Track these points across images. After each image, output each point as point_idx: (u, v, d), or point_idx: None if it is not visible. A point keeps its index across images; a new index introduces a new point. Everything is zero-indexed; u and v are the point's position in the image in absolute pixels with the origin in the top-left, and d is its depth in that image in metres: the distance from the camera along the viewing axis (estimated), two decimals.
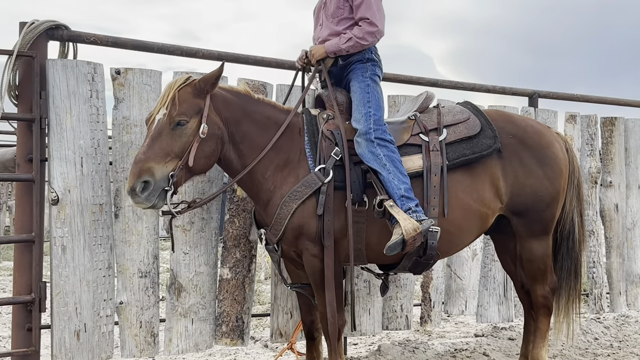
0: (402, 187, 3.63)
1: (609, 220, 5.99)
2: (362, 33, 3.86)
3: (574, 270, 4.50)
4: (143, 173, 3.31)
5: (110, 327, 4.02)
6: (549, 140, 4.26)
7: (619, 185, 6.02)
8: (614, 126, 6.01)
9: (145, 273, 4.09)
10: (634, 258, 6.07)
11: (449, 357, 4.94)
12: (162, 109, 3.44)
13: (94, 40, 4.05)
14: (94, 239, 3.94)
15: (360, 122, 3.76)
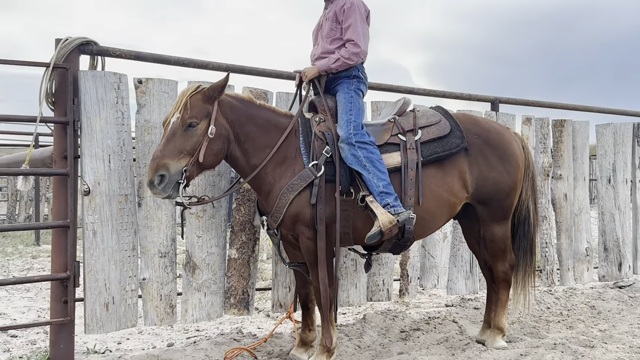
0: (380, 185, 3.74)
1: (559, 207, 6.05)
2: (348, 54, 3.97)
3: (530, 249, 4.60)
4: (160, 168, 3.42)
5: (134, 300, 4.05)
6: (508, 140, 4.35)
7: (568, 177, 6.07)
8: (564, 127, 6.06)
9: (164, 253, 4.12)
10: (580, 239, 6.13)
11: (423, 324, 4.97)
12: (176, 113, 3.53)
13: (119, 54, 4.06)
14: (120, 224, 3.97)
15: (342, 128, 3.84)
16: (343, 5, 4.04)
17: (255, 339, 4.47)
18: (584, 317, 5.37)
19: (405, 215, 3.74)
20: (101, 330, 3.94)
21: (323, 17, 4.22)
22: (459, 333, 4.77)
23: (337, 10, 4.08)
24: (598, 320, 5.30)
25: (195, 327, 5.06)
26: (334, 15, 4.09)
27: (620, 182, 6.41)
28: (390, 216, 3.67)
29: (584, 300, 5.97)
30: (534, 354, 4.15)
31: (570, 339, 4.57)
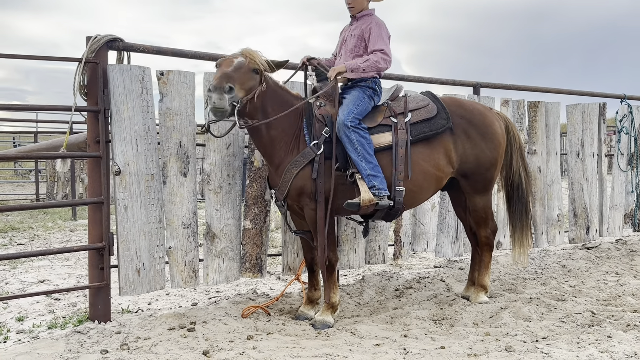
0: (367, 167, 3.82)
1: (534, 179, 6.07)
2: (378, 57, 3.96)
3: (525, 210, 4.69)
4: (230, 80, 3.50)
5: (162, 266, 4.09)
6: (490, 120, 4.37)
7: (541, 152, 6.07)
8: (537, 108, 6.05)
9: (187, 225, 4.15)
10: (553, 207, 6.14)
11: (415, 283, 5.02)
12: (248, 57, 3.66)
13: (143, 49, 4.06)
14: (148, 200, 3.99)
15: (343, 113, 3.87)
16: (370, 23, 4.06)
17: (268, 298, 4.52)
18: (556, 275, 5.41)
19: (385, 203, 3.85)
20: (134, 293, 3.98)
21: (348, 33, 4.21)
22: (446, 290, 4.83)
23: (364, 29, 4.08)
24: (568, 277, 5.34)
25: (216, 289, 5.10)
26: (360, 33, 4.09)
27: (587, 156, 6.40)
28: (372, 196, 3.79)
29: (556, 260, 6.01)
30: (513, 307, 4.19)
31: (544, 293, 4.62)
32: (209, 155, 4.24)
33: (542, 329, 3.70)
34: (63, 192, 12.05)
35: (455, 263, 5.76)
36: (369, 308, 4.37)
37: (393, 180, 3.95)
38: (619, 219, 6.73)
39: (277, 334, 3.67)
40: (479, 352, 3.28)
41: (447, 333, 3.71)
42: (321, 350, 3.38)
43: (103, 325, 3.77)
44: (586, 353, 3.19)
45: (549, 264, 5.87)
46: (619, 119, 6.72)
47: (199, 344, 3.45)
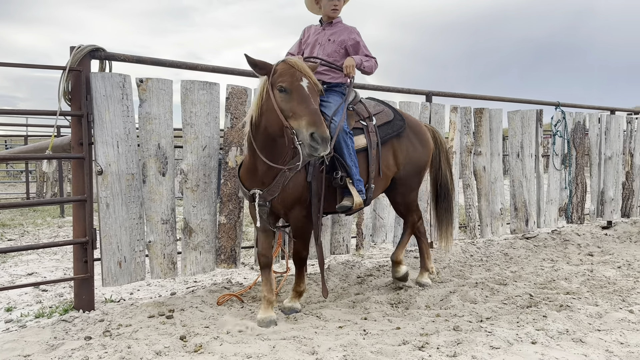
0: (356, 172, 3.75)
1: (480, 177, 6.13)
2: (373, 63, 3.99)
3: (449, 208, 4.81)
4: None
5: (142, 259, 4.00)
6: (423, 129, 4.52)
7: (486, 153, 6.14)
8: (482, 114, 6.12)
9: (166, 221, 4.07)
10: (496, 202, 6.22)
11: (375, 271, 5.03)
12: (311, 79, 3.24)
13: (124, 58, 3.96)
14: (128, 198, 3.90)
15: (339, 116, 3.72)
16: (352, 34, 3.99)
17: (242, 287, 4.47)
18: (499, 262, 5.49)
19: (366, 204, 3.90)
20: (116, 284, 3.89)
21: (323, 37, 4.04)
22: None
23: (345, 38, 3.98)
24: (510, 264, 5.42)
25: (193, 279, 5.02)
26: (341, 40, 3.98)
27: (526, 157, 6.50)
28: (360, 200, 3.70)
29: (499, 249, 6.09)
30: (460, 291, 4.23)
31: (488, 279, 4.68)
32: (187, 156, 4.17)
33: (486, 310, 3.74)
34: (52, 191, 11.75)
35: (411, 252, 5.79)
36: (334, 294, 4.35)
37: (369, 180, 3.92)
38: (555, 212, 6.85)
39: (248, 320, 3.63)
40: (430, 332, 3.30)
41: (403, 315, 3.72)
42: (289, 333, 3.35)
43: (87, 314, 3.67)
44: (524, 331, 3.23)
45: (493, 253, 5.95)
46: (553, 124, 6.84)
47: (176, 329, 3.39)
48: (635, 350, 2.97)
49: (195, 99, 4.16)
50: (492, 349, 2.99)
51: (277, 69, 3.23)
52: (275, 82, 3.19)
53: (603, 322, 3.46)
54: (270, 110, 3.23)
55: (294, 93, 3.12)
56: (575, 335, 3.20)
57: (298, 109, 3.07)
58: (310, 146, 2.97)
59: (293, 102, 3.10)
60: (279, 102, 3.16)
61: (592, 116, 7.29)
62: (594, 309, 3.69)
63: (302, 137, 3.00)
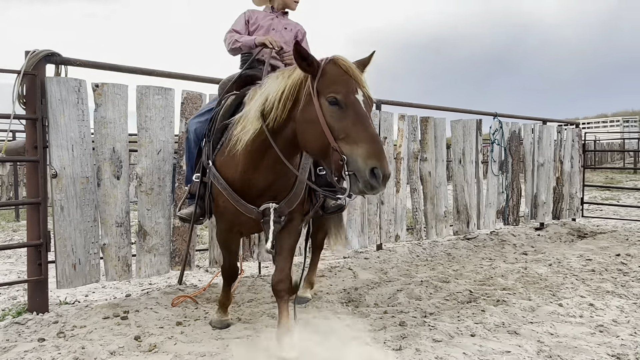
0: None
1: (425, 182, 6.24)
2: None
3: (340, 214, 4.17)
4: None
5: (97, 261, 3.87)
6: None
7: (431, 159, 6.26)
8: (428, 122, 6.23)
9: (120, 223, 3.95)
10: (440, 205, 6.34)
11: (327, 272, 5.03)
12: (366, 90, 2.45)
13: (80, 63, 3.83)
14: (83, 200, 3.77)
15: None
16: (300, 29, 3.70)
17: (196, 288, 4.38)
18: (443, 261, 5.59)
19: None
20: (70, 286, 3.75)
21: (279, 24, 3.61)
22: (353, 277, 4.86)
23: (298, 30, 3.68)
24: (452, 263, 5.53)
25: (148, 281, 4.89)
26: (295, 32, 3.65)
27: (467, 163, 6.66)
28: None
29: (443, 249, 6.21)
30: (407, 289, 4.29)
31: (432, 277, 4.76)
32: (141, 160, 4.07)
33: (430, 307, 3.80)
34: (7, 195, 11.25)
35: (361, 254, 5.83)
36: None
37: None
38: (493, 215, 7.05)
39: (203, 320, 3.57)
40: (378, 327, 3.33)
41: (353, 313, 3.73)
42: (243, 332, 3.32)
43: (41, 316, 3.52)
44: (464, 325, 3.30)
45: (437, 253, 6.06)
46: (492, 133, 7.05)
47: (131, 330, 3.30)
48: (563, 340, 3.08)
49: (151, 103, 4.07)
50: (435, 342, 3.04)
51: (327, 71, 2.41)
52: (325, 89, 2.37)
53: (535, 315, 3.58)
54: (311, 123, 2.40)
55: (349, 109, 2.32)
56: (510, 327, 3.29)
57: (354, 132, 2.28)
58: (367, 183, 2.21)
59: (347, 121, 2.30)
60: (328, 117, 2.33)
61: (526, 126, 7.56)
62: (528, 303, 3.81)
63: (358, 171, 2.22)
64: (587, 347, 2.95)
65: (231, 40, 3.48)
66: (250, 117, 2.70)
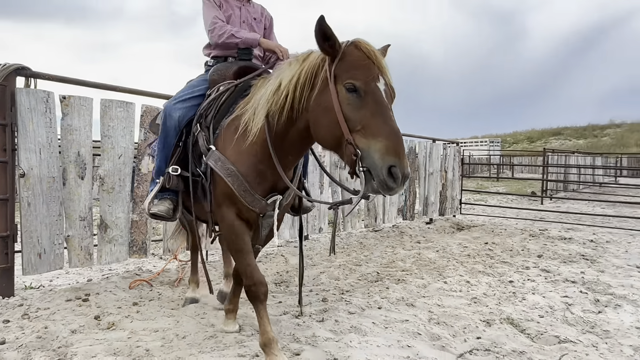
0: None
1: None
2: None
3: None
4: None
5: (61, 250, 3.57)
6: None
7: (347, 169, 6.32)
8: None
9: (83, 218, 3.68)
10: None
11: (263, 258, 4.95)
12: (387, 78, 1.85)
13: (48, 77, 3.53)
14: (49, 198, 3.47)
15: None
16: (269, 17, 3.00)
17: (151, 273, 4.17)
18: (356, 249, 5.66)
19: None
20: (35, 272, 3.43)
21: (248, 14, 2.90)
22: (284, 262, 4.81)
23: (265, 15, 2.98)
24: (364, 250, 5.61)
25: (108, 268, 4.60)
26: (262, 19, 2.96)
27: None
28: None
29: (356, 240, 6.29)
30: (328, 271, 4.30)
31: (348, 261, 4.80)
32: (104, 163, 3.82)
33: (346, 285, 3.84)
34: None
35: (291, 243, 5.79)
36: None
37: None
38: (395, 212, 7.24)
39: (157, 301, 3.40)
40: (305, 303, 3.31)
41: (284, 292, 3.70)
42: (193, 310, 3.18)
43: (7, 300, 3.20)
44: (373, 299, 3.36)
45: (351, 242, 6.12)
46: None
47: (91, 310, 3.07)
48: (448, 309, 3.21)
49: (113, 115, 3.84)
50: (350, 314, 3.06)
51: (347, 54, 1.81)
52: (343, 74, 1.79)
53: (427, 290, 3.70)
54: (325, 110, 1.83)
55: (368, 98, 1.75)
56: (408, 301, 3.38)
57: (372, 124, 1.71)
58: (384, 183, 1.66)
59: (365, 111, 1.74)
60: (344, 106, 1.77)
61: (420, 143, 7.85)
62: (421, 281, 3.94)
63: (374, 168, 1.67)
64: (465, 314, 3.09)
65: (223, 32, 2.65)
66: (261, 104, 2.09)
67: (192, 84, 2.58)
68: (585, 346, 2.63)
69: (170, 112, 2.50)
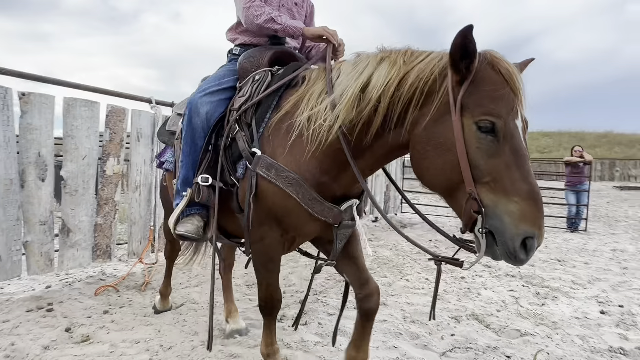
0: None
1: None
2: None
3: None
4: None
5: (19, 257, 3.17)
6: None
7: None
8: None
9: (44, 222, 3.29)
10: None
11: None
12: (524, 114, 1.34)
13: (5, 72, 3.11)
14: (6, 201, 3.06)
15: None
16: (311, 3, 2.33)
17: (116, 278, 3.84)
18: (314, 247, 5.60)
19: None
20: None
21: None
22: None
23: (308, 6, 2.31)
24: None
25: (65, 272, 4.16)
26: (305, 10, 2.29)
27: None
28: None
29: None
30: (296, 271, 4.17)
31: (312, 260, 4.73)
32: (67, 164, 3.44)
33: (318, 286, 3.78)
34: None
35: None
36: (197, 279, 3.99)
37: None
38: None
39: (128, 307, 3.13)
40: (283, 306, 3.21)
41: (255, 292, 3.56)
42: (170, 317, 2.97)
43: None
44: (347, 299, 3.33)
45: None
46: None
47: (59, 322, 2.76)
48: (417, 307, 3.25)
49: (77, 114, 3.47)
50: (330, 316, 3.02)
51: (481, 74, 1.31)
52: (475, 106, 1.30)
53: (393, 289, 3.74)
54: (441, 148, 1.34)
55: (506, 142, 1.27)
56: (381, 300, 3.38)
57: (507, 177, 1.25)
58: (513, 254, 1.24)
59: (500, 160, 1.27)
60: (472, 149, 1.29)
61: None
62: (386, 279, 3.98)
63: (502, 233, 1.25)
64: None
65: (261, 12, 2.01)
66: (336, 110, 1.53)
67: (218, 74, 2.06)
68: (542, 338, 2.80)
69: (197, 107, 1.92)
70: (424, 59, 1.40)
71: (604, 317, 3.23)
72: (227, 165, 1.80)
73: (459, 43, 1.27)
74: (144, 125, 4.04)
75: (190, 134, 1.91)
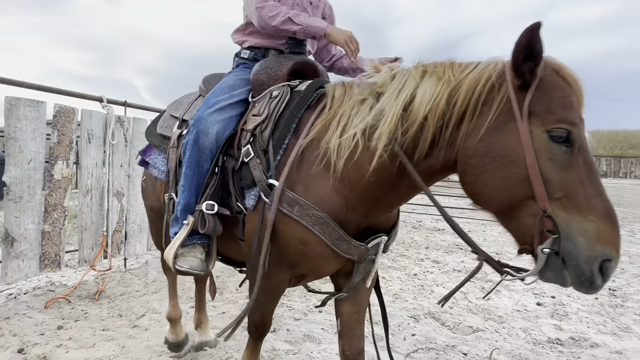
0: None
1: None
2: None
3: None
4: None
5: None
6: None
7: None
8: None
9: None
10: None
11: None
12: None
13: None
14: None
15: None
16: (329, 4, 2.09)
17: (67, 288, 3.56)
18: None
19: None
20: None
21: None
22: None
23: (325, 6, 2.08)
24: None
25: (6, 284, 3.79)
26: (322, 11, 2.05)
27: None
28: None
29: None
30: None
31: None
32: (9, 169, 3.12)
33: None
34: None
35: None
36: (155, 285, 3.81)
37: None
38: None
39: (84, 321, 2.92)
40: None
41: (222, 300, 3.47)
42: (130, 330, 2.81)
43: None
44: (311, 302, 3.35)
45: None
46: None
47: (8, 341, 2.52)
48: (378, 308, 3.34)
49: (21, 114, 3.15)
50: (297, 320, 3.02)
51: (546, 81, 1.15)
52: (546, 113, 1.13)
53: None
54: (504, 160, 1.15)
55: (580, 153, 1.12)
56: None
57: (581, 193, 1.09)
58: (588, 280, 1.06)
59: (573, 173, 1.10)
60: (544, 160, 1.11)
61: None
62: None
63: (575, 256, 1.07)
64: (394, 312, 3.26)
65: (276, 13, 1.78)
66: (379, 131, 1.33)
67: (229, 84, 1.78)
68: (491, 333, 2.99)
69: (207, 126, 1.64)
70: (475, 68, 1.24)
71: (540, 309, 3.51)
72: (234, 191, 1.58)
73: (524, 42, 1.10)
74: (95, 126, 3.76)
75: (196, 156, 1.64)
